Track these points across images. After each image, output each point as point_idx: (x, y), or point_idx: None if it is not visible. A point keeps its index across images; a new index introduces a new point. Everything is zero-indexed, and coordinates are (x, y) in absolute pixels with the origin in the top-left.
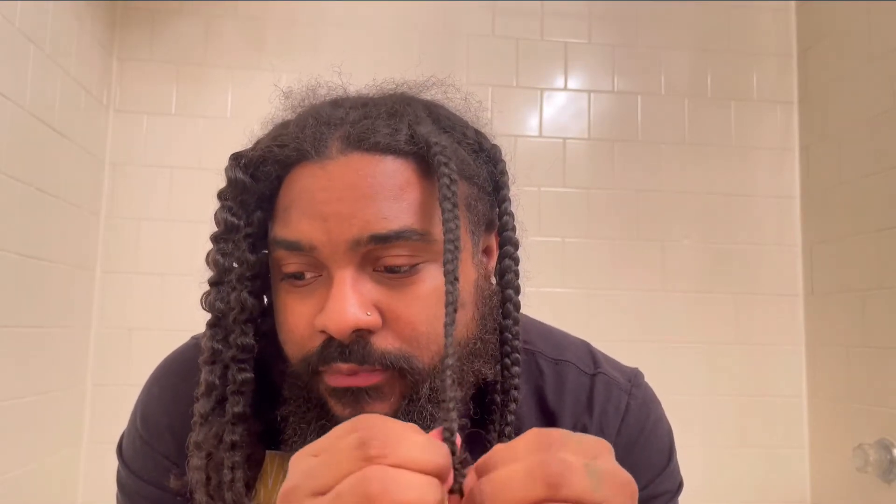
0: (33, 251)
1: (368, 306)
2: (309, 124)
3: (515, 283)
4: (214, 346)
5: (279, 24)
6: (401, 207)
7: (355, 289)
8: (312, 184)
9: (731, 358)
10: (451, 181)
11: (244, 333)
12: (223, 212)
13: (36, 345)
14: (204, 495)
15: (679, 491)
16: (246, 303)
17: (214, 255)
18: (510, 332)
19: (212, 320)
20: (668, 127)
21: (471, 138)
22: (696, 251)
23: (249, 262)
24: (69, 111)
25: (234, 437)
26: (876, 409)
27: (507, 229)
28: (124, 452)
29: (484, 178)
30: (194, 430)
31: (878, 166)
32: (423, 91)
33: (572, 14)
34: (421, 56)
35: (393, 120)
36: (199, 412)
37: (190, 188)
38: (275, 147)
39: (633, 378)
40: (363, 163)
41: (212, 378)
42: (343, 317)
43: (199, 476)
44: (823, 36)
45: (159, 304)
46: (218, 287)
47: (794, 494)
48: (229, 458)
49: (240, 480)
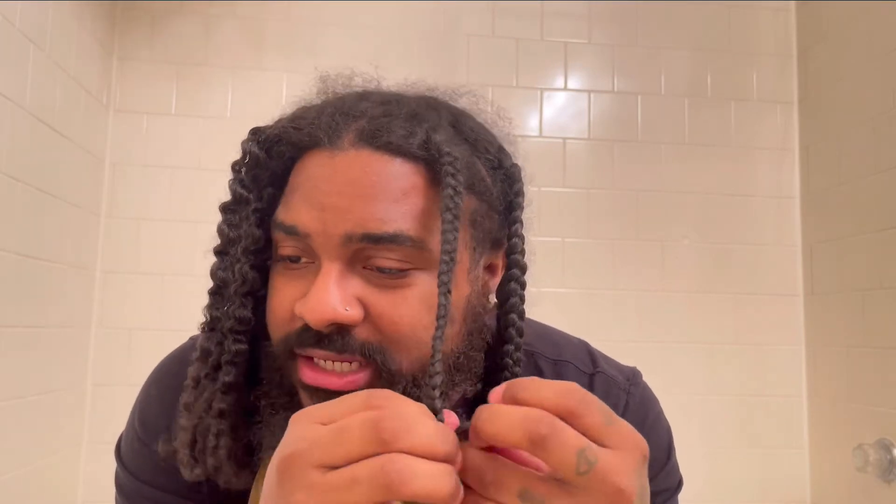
0: (33, 251)
1: (350, 301)
2: (327, 112)
3: (520, 307)
4: (214, 313)
5: (279, 24)
6: (400, 211)
7: (339, 283)
8: (318, 172)
9: (731, 358)
10: (455, 192)
11: (243, 305)
12: (234, 183)
13: (36, 345)
14: (187, 456)
15: (679, 489)
16: (247, 276)
17: (221, 225)
18: (511, 357)
19: (213, 288)
20: (668, 127)
21: (492, 154)
22: (696, 251)
23: (255, 237)
24: (69, 111)
25: (223, 405)
26: (876, 409)
27: (515, 252)
28: (122, 454)
29: (496, 196)
30: (185, 392)
31: (878, 166)
32: (456, 98)
33: (572, 14)
34: (421, 56)
35: (411, 122)
36: (192, 375)
37: (190, 188)
38: (291, 128)
39: (632, 377)
40: (371, 160)
41: (208, 345)
42: (322, 307)
43: (185, 437)
44: (823, 36)
45: (159, 304)
46: (222, 256)
47: (794, 494)
48: (216, 425)
49: (223, 448)
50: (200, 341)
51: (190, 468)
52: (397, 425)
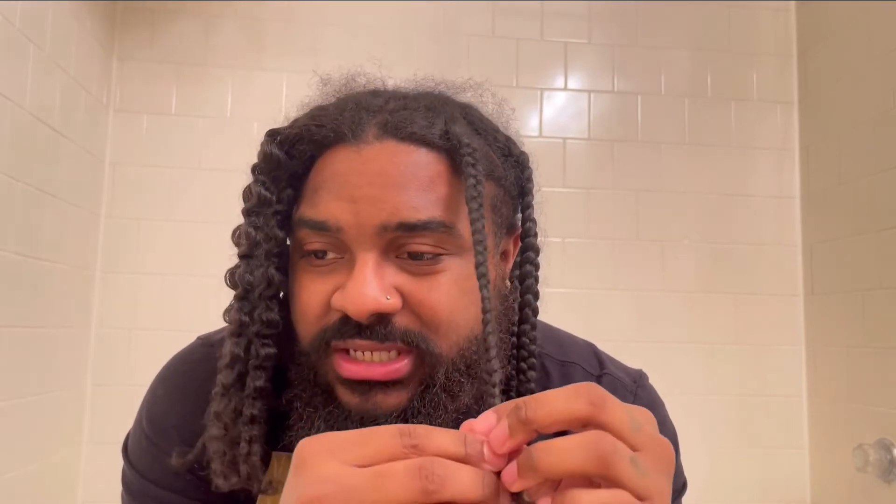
0: (33, 251)
1: (389, 290)
2: (349, 108)
3: (535, 288)
4: (242, 318)
5: (279, 24)
6: (429, 199)
7: (377, 272)
8: (346, 167)
9: (731, 358)
10: (477, 182)
11: (269, 309)
12: (256, 185)
13: (36, 345)
14: (220, 465)
15: (683, 491)
16: (273, 278)
17: (246, 228)
18: (528, 336)
19: (240, 293)
20: (668, 127)
21: (501, 142)
22: (696, 251)
23: (277, 239)
24: (69, 111)
25: (254, 410)
26: (876, 409)
27: (530, 235)
28: (130, 453)
29: (510, 181)
30: (215, 401)
31: (878, 166)
32: (459, 93)
33: (572, 14)
34: (421, 56)
35: (430, 114)
36: (221, 383)
37: (190, 188)
38: (312, 126)
39: (638, 379)
40: (397, 151)
41: (237, 350)
42: (363, 298)
43: (216, 446)
44: (823, 36)
45: (159, 304)
46: (248, 260)
47: (794, 494)
48: (247, 432)
49: (256, 454)
50: (228, 347)
51: (224, 477)
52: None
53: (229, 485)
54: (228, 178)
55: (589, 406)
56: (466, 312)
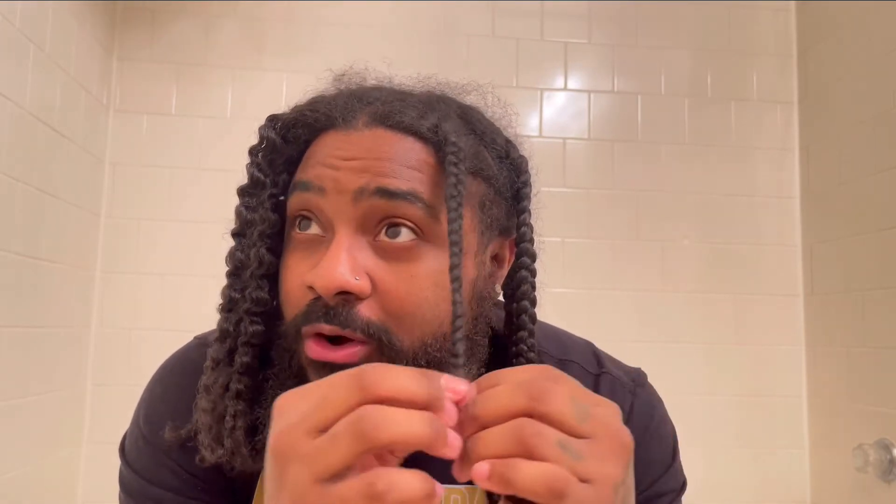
0: (33, 251)
1: (359, 272)
2: (343, 97)
3: (531, 294)
4: (232, 294)
5: (279, 24)
6: (413, 175)
7: (350, 252)
8: (333, 145)
9: (731, 358)
10: (458, 181)
11: (259, 287)
12: (252, 167)
13: (36, 345)
14: (206, 438)
15: (683, 490)
16: (263, 258)
17: (239, 207)
18: (525, 343)
19: (231, 270)
20: (668, 127)
21: (499, 145)
22: (696, 251)
23: (271, 220)
24: (69, 111)
25: (240, 386)
26: (876, 409)
27: (525, 241)
28: (127, 452)
29: (504, 183)
30: (205, 374)
31: (878, 166)
32: (464, 94)
33: (572, 14)
34: (421, 56)
35: (424, 109)
36: (212, 357)
37: (190, 188)
38: (307, 111)
39: (637, 378)
40: (386, 136)
41: (227, 326)
42: (331, 275)
43: (204, 419)
44: (823, 36)
45: (159, 304)
46: (240, 239)
47: (794, 494)
48: (232, 406)
49: (240, 429)
50: (219, 322)
51: (210, 450)
52: (376, 375)
53: (215, 457)
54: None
55: (528, 400)
56: (437, 308)
